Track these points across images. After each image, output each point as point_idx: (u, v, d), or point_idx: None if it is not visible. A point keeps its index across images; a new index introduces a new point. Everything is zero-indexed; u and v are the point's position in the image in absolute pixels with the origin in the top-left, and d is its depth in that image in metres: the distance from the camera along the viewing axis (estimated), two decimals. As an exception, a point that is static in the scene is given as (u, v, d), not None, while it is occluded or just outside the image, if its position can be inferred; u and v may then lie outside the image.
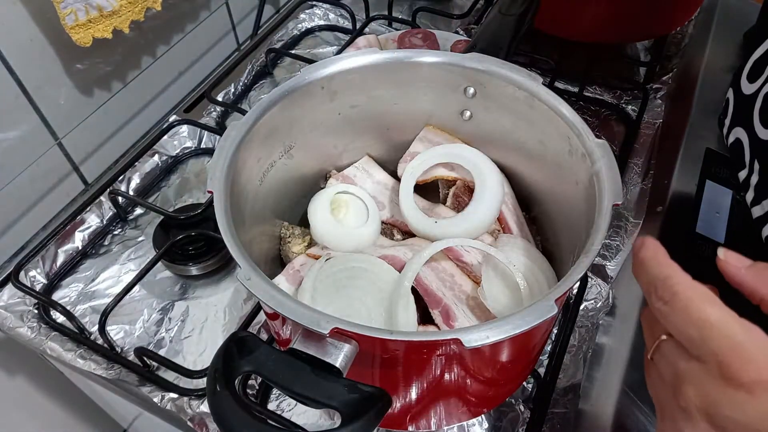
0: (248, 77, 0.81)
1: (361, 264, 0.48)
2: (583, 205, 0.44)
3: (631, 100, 0.78)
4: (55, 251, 0.62)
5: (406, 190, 0.53)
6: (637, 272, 0.34)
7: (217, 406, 0.33)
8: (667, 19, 0.78)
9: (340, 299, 0.46)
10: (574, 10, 0.76)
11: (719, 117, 0.69)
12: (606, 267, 0.61)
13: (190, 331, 0.58)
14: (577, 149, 0.44)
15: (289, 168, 0.52)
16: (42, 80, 0.62)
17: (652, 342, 0.33)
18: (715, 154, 0.67)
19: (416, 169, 0.54)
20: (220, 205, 0.40)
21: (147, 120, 0.79)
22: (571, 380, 0.54)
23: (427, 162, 0.54)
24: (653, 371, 0.34)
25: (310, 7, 0.90)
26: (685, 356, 0.30)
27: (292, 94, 0.48)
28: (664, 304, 0.31)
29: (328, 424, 0.52)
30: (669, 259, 0.32)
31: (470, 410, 0.48)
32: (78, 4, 0.58)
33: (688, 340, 0.30)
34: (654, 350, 0.33)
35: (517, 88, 0.48)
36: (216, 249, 0.61)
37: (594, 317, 0.58)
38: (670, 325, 0.31)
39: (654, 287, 0.32)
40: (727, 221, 0.61)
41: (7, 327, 0.57)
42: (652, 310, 0.32)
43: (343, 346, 0.35)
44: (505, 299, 0.47)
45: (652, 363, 0.34)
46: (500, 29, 0.54)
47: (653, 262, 0.32)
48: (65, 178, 0.70)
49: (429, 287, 0.47)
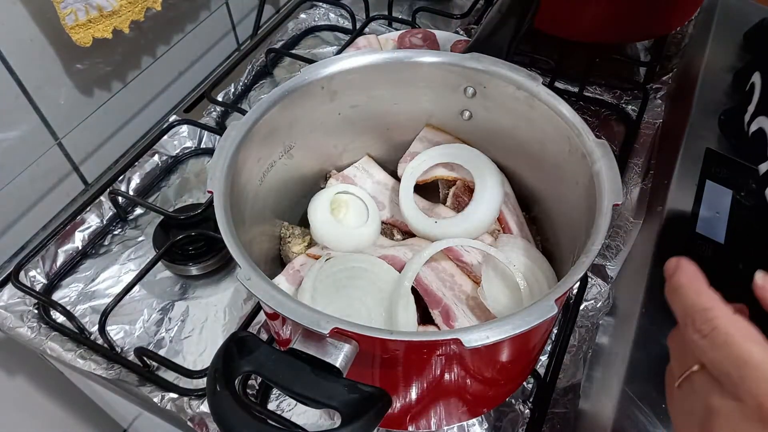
0: (248, 77, 0.81)
1: (361, 264, 0.48)
2: (583, 205, 0.44)
3: (631, 100, 0.78)
4: (55, 251, 0.62)
5: (406, 190, 0.53)
6: (671, 298, 0.32)
7: (217, 406, 0.33)
8: (667, 19, 0.78)
9: (340, 299, 0.46)
10: (574, 10, 0.76)
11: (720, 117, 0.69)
12: (606, 267, 0.61)
13: (190, 331, 0.58)
14: (577, 149, 0.44)
15: (289, 168, 0.52)
16: (42, 80, 0.62)
17: (681, 370, 0.32)
18: (715, 154, 0.67)
19: (416, 169, 0.54)
20: (220, 205, 0.41)
21: (147, 120, 0.79)
22: (571, 380, 0.54)
23: (427, 162, 0.54)
24: (680, 401, 0.32)
25: (310, 7, 0.90)
26: (719, 392, 0.29)
27: (292, 94, 0.48)
28: (702, 337, 0.29)
29: (328, 424, 0.52)
30: (707, 286, 0.31)
31: (470, 410, 0.48)
32: (78, 4, 0.58)
33: (726, 377, 0.29)
34: (684, 380, 0.32)
35: (517, 88, 0.48)
36: (216, 249, 0.61)
37: (594, 317, 0.58)
38: (707, 359, 0.30)
39: (692, 318, 0.30)
40: (727, 221, 0.61)
41: (7, 327, 0.57)
42: (688, 340, 0.31)
43: (343, 346, 0.35)
44: (505, 299, 0.47)
45: (678, 391, 0.32)
46: (500, 29, 0.54)
47: (691, 291, 0.31)
48: (65, 178, 0.70)
49: (429, 287, 0.47)
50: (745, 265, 0.56)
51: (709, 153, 0.67)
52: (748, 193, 0.63)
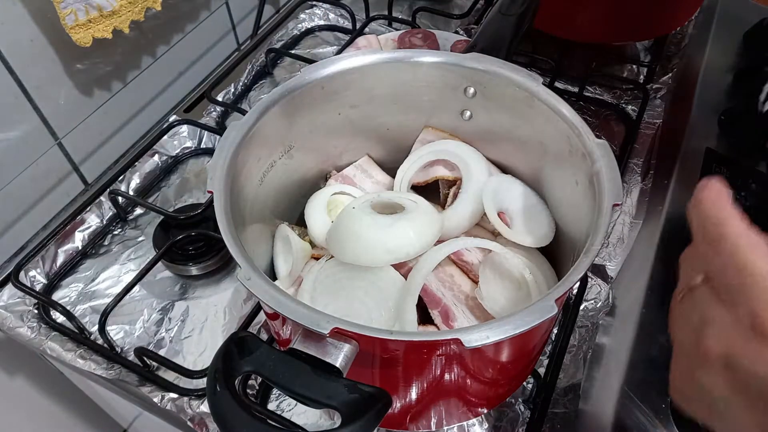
0: (248, 77, 0.81)
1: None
2: (583, 205, 0.44)
3: (631, 100, 0.78)
4: (55, 251, 0.62)
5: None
6: (691, 212, 0.31)
7: (217, 406, 0.33)
8: (667, 19, 0.78)
9: (340, 299, 0.46)
10: (574, 10, 0.76)
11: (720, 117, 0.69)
12: (606, 267, 0.61)
13: (190, 331, 0.58)
14: (577, 149, 0.44)
15: (289, 168, 0.52)
16: (42, 80, 0.62)
17: (685, 283, 0.32)
18: (715, 154, 0.67)
19: (408, 171, 0.54)
20: (220, 205, 0.40)
21: (147, 120, 0.79)
22: (571, 380, 0.54)
23: (417, 162, 0.54)
24: (679, 312, 0.32)
25: (310, 7, 0.90)
26: (716, 302, 0.29)
27: (292, 94, 0.48)
28: (709, 244, 0.29)
29: (329, 424, 0.52)
30: (729, 203, 0.30)
31: (470, 410, 0.48)
32: (78, 4, 0.58)
33: (726, 287, 0.29)
34: (686, 293, 0.32)
35: (517, 88, 0.48)
36: (216, 249, 0.61)
37: (594, 317, 0.58)
38: (711, 267, 0.30)
39: (704, 228, 0.30)
40: (727, 221, 0.61)
41: (7, 327, 0.57)
42: (696, 254, 0.31)
43: (343, 346, 0.35)
44: (502, 300, 0.47)
45: (680, 305, 0.32)
46: (500, 29, 0.54)
47: (710, 203, 0.30)
48: (65, 178, 0.70)
49: (428, 287, 0.47)
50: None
51: (709, 153, 0.67)
52: (748, 193, 0.63)
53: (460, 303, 0.47)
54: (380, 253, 0.45)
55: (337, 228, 0.48)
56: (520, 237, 0.48)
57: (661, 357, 0.52)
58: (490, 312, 0.45)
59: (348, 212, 0.47)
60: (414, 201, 0.49)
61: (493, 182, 0.51)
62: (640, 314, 0.54)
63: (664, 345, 0.52)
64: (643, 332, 0.53)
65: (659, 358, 0.52)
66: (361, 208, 0.47)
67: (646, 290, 0.56)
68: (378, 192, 0.52)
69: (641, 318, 0.54)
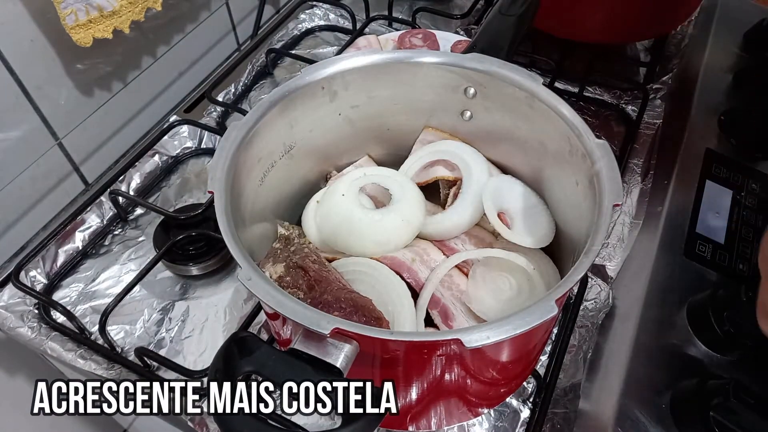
0: (248, 77, 0.81)
1: (361, 267, 0.48)
2: (583, 205, 0.44)
3: (631, 100, 0.78)
4: (55, 251, 0.62)
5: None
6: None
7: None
8: (667, 19, 0.78)
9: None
10: (574, 10, 0.76)
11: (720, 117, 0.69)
12: (606, 267, 0.61)
13: (190, 331, 0.58)
14: (577, 149, 0.44)
15: (290, 168, 0.52)
16: (42, 80, 0.62)
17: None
18: (715, 154, 0.67)
19: (408, 171, 0.54)
20: (220, 205, 0.41)
21: (147, 120, 0.79)
22: (571, 380, 0.54)
23: (417, 163, 0.54)
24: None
25: (310, 8, 0.90)
26: None
27: (292, 95, 0.48)
28: None
29: (329, 425, 0.52)
30: None
31: (470, 410, 0.48)
32: (78, 4, 0.58)
33: None
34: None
35: (517, 88, 0.48)
36: (216, 249, 0.61)
37: (594, 317, 0.58)
38: None
39: None
40: (727, 221, 0.61)
41: (8, 327, 0.57)
42: None
43: (343, 346, 0.35)
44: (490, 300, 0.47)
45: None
46: (500, 29, 0.54)
47: None
48: (65, 178, 0.70)
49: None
50: (745, 265, 0.56)
51: (709, 153, 0.67)
52: (748, 193, 0.64)
53: (459, 303, 0.47)
54: (371, 245, 0.49)
55: (328, 215, 0.50)
56: (520, 238, 0.48)
57: (660, 357, 0.52)
58: (478, 314, 0.46)
59: (338, 202, 0.49)
60: (400, 183, 0.51)
61: (493, 182, 0.51)
62: (640, 314, 0.54)
63: (663, 345, 0.52)
64: (643, 332, 0.53)
65: (659, 358, 0.52)
66: (351, 197, 0.50)
67: (646, 290, 0.56)
68: (363, 171, 0.53)
69: (641, 318, 0.54)
